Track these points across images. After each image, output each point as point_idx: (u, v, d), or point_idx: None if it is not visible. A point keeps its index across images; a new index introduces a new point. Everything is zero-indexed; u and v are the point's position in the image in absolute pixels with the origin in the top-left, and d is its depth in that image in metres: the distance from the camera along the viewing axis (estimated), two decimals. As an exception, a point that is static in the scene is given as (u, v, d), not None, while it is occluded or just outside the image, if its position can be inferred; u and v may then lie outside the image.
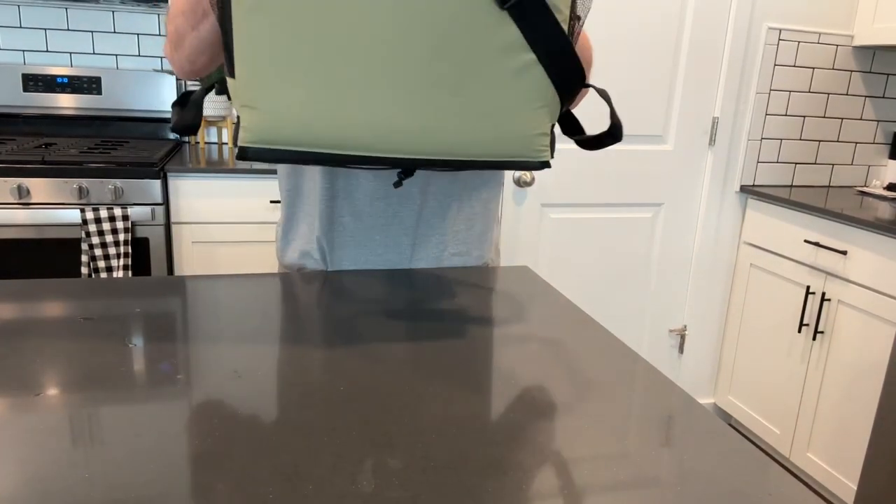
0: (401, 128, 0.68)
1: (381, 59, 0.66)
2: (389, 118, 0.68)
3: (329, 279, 0.95)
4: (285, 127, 0.67)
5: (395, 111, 0.67)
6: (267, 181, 2.03)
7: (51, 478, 0.47)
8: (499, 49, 0.68)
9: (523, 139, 0.72)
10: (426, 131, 0.69)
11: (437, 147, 0.70)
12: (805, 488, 0.52)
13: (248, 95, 0.67)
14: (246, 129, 0.67)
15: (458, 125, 0.69)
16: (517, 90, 0.70)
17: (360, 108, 0.67)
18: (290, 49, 0.65)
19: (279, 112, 0.67)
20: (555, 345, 0.76)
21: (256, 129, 0.67)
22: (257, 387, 0.62)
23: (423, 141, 0.69)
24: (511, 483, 0.50)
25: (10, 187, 1.83)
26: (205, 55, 0.87)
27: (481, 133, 0.70)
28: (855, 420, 2.04)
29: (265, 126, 0.67)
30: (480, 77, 0.68)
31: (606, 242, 2.47)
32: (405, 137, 0.69)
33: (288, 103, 0.66)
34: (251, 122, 0.67)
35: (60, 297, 0.81)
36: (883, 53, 2.49)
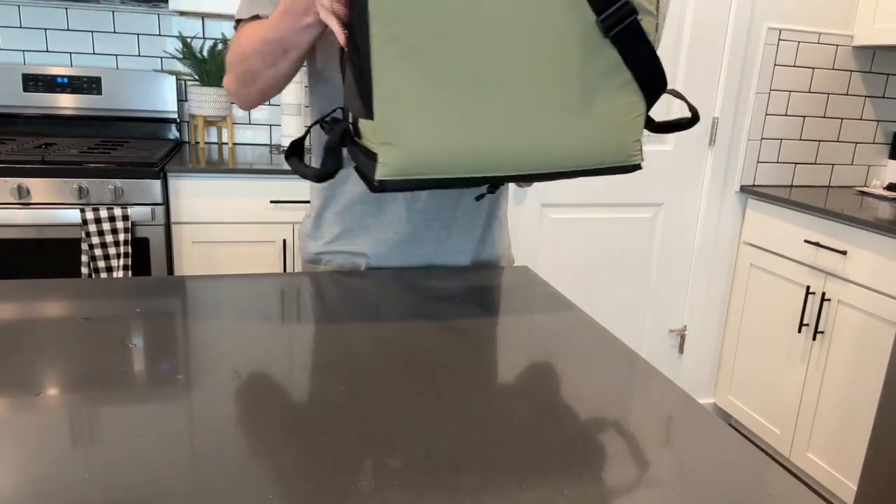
0: (521, 149, 0.76)
1: (504, 91, 0.74)
2: (512, 142, 0.76)
3: (329, 279, 0.95)
4: (420, 160, 0.74)
5: (516, 135, 0.76)
6: (267, 181, 2.03)
7: (51, 478, 0.47)
8: (603, 71, 0.77)
9: (623, 147, 0.81)
10: (543, 149, 0.77)
11: (552, 162, 0.78)
12: (805, 488, 0.52)
13: (389, 134, 0.73)
14: (385, 165, 0.74)
15: (570, 141, 0.78)
16: (617, 105, 0.79)
17: (487, 137, 0.75)
18: (425, 90, 0.72)
19: (417, 148, 0.73)
20: (554, 345, 0.76)
21: (395, 165, 0.74)
22: (257, 387, 0.62)
23: (540, 158, 0.78)
24: (511, 483, 0.50)
25: (10, 187, 1.83)
26: (278, 89, 0.96)
27: (589, 146, 0.79)
28: (855, 420, 2.04)
29: (403, 161, 0.74)
30: (587, 97, 0.77)
31: (606, 242, 2.47)
32: (525, 157, 0.77)
33: (424, 140, 0.73)
34: (390, 158, 0.73)
35: (60, 297, 0.81)
36: (883, 53, 2.49)
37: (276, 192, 2.04)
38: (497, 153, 0.76)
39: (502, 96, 0.74)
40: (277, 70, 0.92)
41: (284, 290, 0.89)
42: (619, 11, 0.74)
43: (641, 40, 0.77)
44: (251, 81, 0.94)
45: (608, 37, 0.75)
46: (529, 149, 0.77)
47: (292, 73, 0.94)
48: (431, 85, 0.72)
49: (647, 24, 0.77)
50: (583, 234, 2.44)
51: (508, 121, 0.75)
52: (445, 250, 1.06)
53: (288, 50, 0.89)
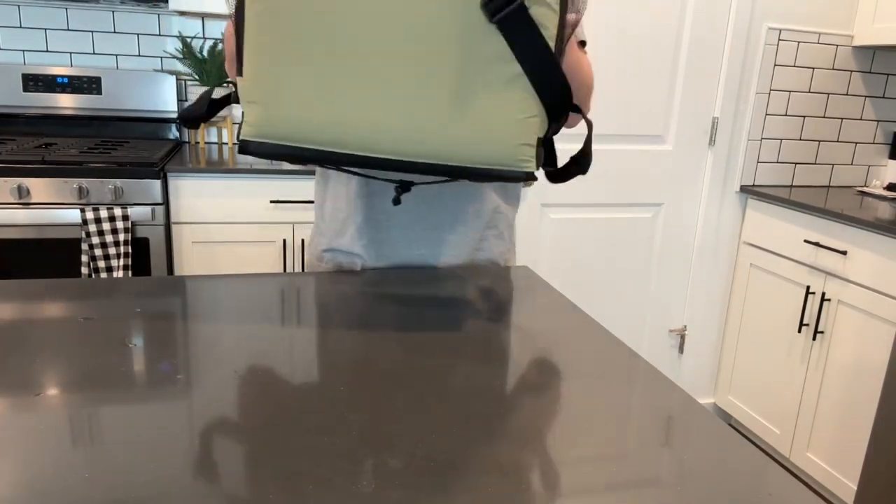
0: (392, 128, 0.71)
1: (377, 62, 0.70)
2: (382, 118, 0.71)
3: (328, 279, 0.95)
4: (285, 122, 0.71)
5: (388, 112, 0.71)
6: (267, 181, 2.03)
7: (51, 478, 0.47)
8: (487, 59, 0.71)
9: (507, 148, 0.74)
10: (416, 133, 0.72)
11: (425, 149, 0.73)
12: (805, 488, 0.52)
13: (253, 92, 0.72)
14: (248, 124, 0.72)
15: (446, 128, 0.72)
16: (503, 99, 0.72)
17: (356, 108, 0.71)
18: (293, 49, 0.70)
19: (280, 108, 0.71)
20: (554, 345, 0.76)
21: (258, 124, 0.72)
22: (257, 387, 0.62)
23: (413, 143, 0.72)
24: (511, 483, 0.50)
25: (10, 187, 1.83)
26: None
27: (467, 137, 0.72)
28: (855, 420, 2.04)
29: (266, 120, 0.71)
30: (469, 84, 0.71)
31: (606, 242, 2.47)
32: (396, 138, 0.72)
33: (288, 100, 0.71)
34: (254, 116, 0.72)
35: (60, 297, 0.81)
36: (883, 53, 2.49)
37: (276, 192, 2.04)
38: (367, 130, 0.71)
39: (376, 70, 0.70)
40: None
41: (284, 290, 0.89)
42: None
43: (530, 31, 0.71)
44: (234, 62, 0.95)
45: (493, 22, 0.70)
46: (403, 132, 0.71)
47: None
48: (301, 48, 0.70)
49: (540, 16, 0.71)
50: (583, 234, 2.44)
51: (381, 98, 0.70)
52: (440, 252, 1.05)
53: None
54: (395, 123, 0.71)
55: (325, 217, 1.07)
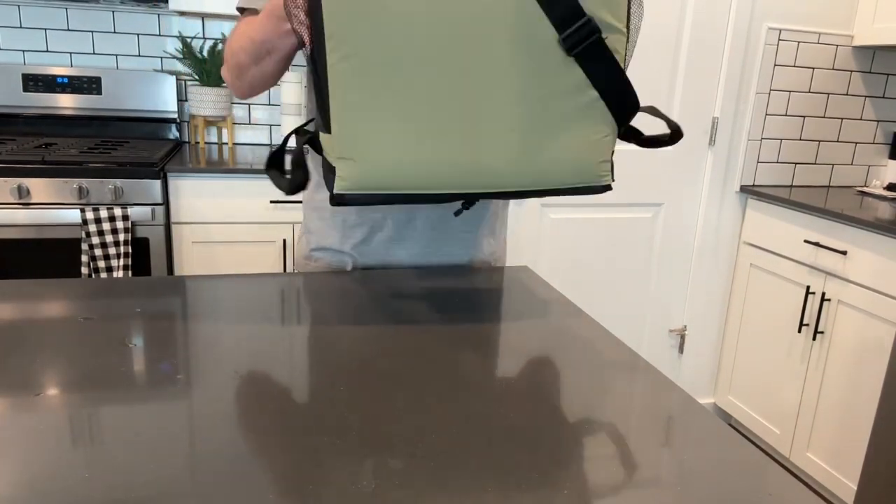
0: (484, 167, 0.75)
1: (463, 108, 0.73)
2: (473, 160, 0.74)
3: (328, 279, 0.95)
4: (381, 174, 0.73)
5: (478, 153, 0.74)
6: (267, 181, 2.03)
7: (51, 478, 0.47)
8: (566, 90, 0.75)
9: (590, 167, 0.79)
10: (506, 168, 0.76)
11: (515, 181, 0.77)
12: (805, 488, 0.52)
13: (345, 148, 0.73)
14: (343, 179, 0.73)
15: (534, 160, 0.76)
16: (583, 125, 0.77)
17: (448, 151, 0.74)
18: (381, 105, 0.71)
19: (375, 161, 0.73)
20: (554, 345, 0.76)
21: (354, 179, 0.73)
22: (257, 387, 0.62)
23: (503, 177, 0.76)
24: (511, 483, 0.50)
25: (10, 187, 1.83)
26: (266, 85, 0.97)
27: (554, 164, 0.77)
28: (855, 420, 2.04)
29: (362, 175, 0.73)
30: (552, 117, 0.76)
31: (606, 242, 2.47)
32: (487, 175, 0.76)
33: (382, 152, 0.73)
34: (348, 172, 0.73)
35: (60, 297, 0.81)
36: (883, 53, 2.49)
37: (276, 192, 2.04)
38: (456, 170, 0.74)
39: (461, 114, 0.73)
40: (263, 69, 0.93)
41: (284, 290, 0.89)
42: (581, 30, 0.72)
43: (606, 59, 0.75)
44: (240, 75, 0.95)
45: (571, 55, 0.74)
46: (490, 167, 0.75)
47: (279, 72, 0.95)
48: (387, 101, 0.71)
49: (614, 42, 0.76)
50: (583, 234, 2.44)
51: (467, 138, 0.74)
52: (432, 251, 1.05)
53: (271, 52, 0.89)
54: (485, 160, 0.75)
55: (316, 217, 1.06)
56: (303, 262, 1.08)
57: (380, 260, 1.04)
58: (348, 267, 1.04)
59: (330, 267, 1.05)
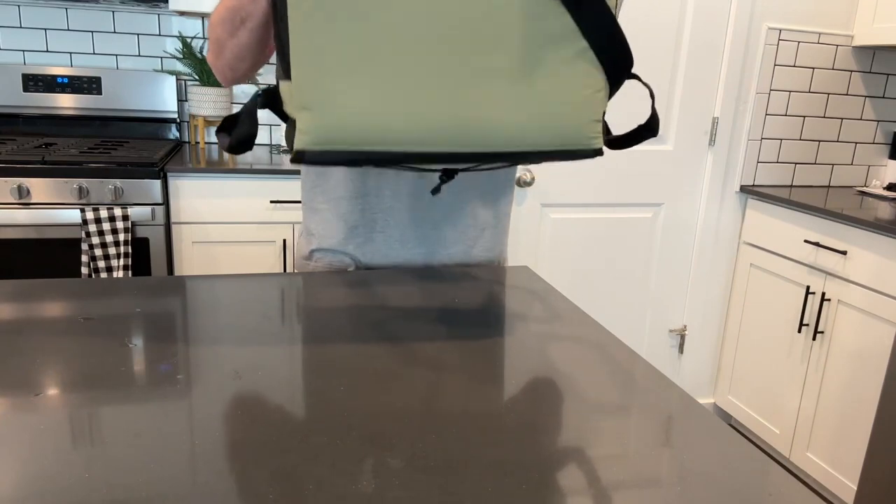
0: (460, 120, 0.67)
1: (438, 53, 0.65)
2: (448, 112, 0.67)
3: (328, 279, 0.95)
4: (344, 127, 0.66)
5: (453, 104, 0.67)
6: (267, 181, 2.03)
7: (51, 478, 0.47)
8: (553, 38, 0.68)
9: (578, 126, 0.71)
10: (484, 123, 0.68)
11: (495, 139, 0.69)
12: (805, 488, 0.52)
13: (306, 97, 0.65)
14: (303, 132, 0.66)
15: (515, 115, 0.69)
16: (571, 77, 0.69)
17: (419, 104, 0.66)
18: (347, 48, 0.64)
19: (337, 112, 0.65)
20: (554, 345, 0.76)
21: (315, 131, 0.66)
22: (257, 387, 0.62)
23: (482, 133, 0.68)
24: (511, 483, 0.50)
25: (10, 187, 1.83)
26: (245, 62, 0.91)
27: (537, 122, 0.70)
28: (855, 420, 2.04)
29: (324, 127, 0.66)
30: (535, 66, 0.68)
31: (606, 242, 2.47)
32: (465, 131, 0.68)
33: (346, 103, 0.65)
34: (309, 123, 0.66)
35: (60, 297, 0.81)
36: (883, 53, 2.49)
37: (276, 192, 2.04)
38: (431, 124, 0.67)
39: (437, 60, 0.65)
40: (239, 40, 0.88)
41: (284, 290, 0.89)
42: None
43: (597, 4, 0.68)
44: (220, 52, 0.91)
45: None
46: (469, 121, 0.68)
47: (256, 44, 0.90)
48: (355, 44, 0.64)
49: None
50: (583, 234, 2.44)
51: (444, 88, 0.66)
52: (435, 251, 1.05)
53: (245, 19, 0.85)
54: (462, 115, 0.67)
55: (316, 218, 1.06)
56: (303, 262, 1.08)
57: (381, 260, 1.04)
58: (350, 268, 1.04)
59: (331, 267, 1.05)
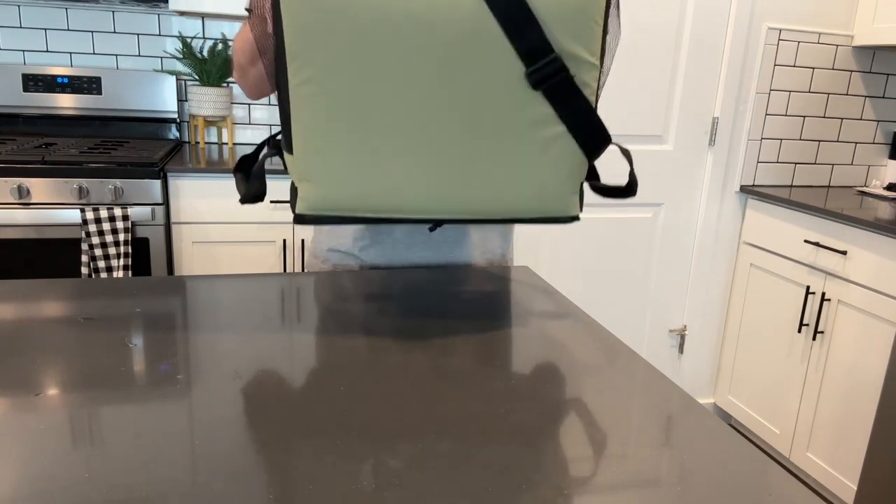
0: (443, 194, 0.74)
1: (424, 136, 0.72)
2: (432, 186, 0.74)
3: (329, 279, 0.95)
4: (339, 198, 0.73)
5: (437, 181, 0.74)
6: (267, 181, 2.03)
7: (51, 478, 0.47)
8: (531, 123, 0.74)
9: (556, 199, 0.78)
10: (466, 196, 0.75)
11: (475, 208, 0.76)
12: (805, 488, 0.52)
13: (306, 170, 0.73)
14: (304, 200, 0.74)
15: (495, 191, 0.75)
16: (548, 158, 0.75)
17: (406, 179, 0.73)
18: (346, 129, 0.70)
19: (334, 185, 0.73)
20: (555, 345, 0.76)
21: (313, 200, 0.73)
22: (257, 387, 0.62)
23: (463, 204, 0.75)
24: (511, 483, 0.50)
25: (10, 187, 1.83)
26: (266, 85, 0.97)
27: (516, 197, 0.76)
28: (855, 420, 2.04)
29: (322, 198, 0.73)
30: (516, 147, 0.74)
31: (606, 242, 2.47)
32: (446, 202, 0.75)
33: (343, 177, 0.72)
34: (309, 193, 0.73)
35: (60, 297, 0.81)
36: (883, 53, 2.49)
37: (276, 192, 2.04)
38: (416, 197, 0.74)
39: (423, 141, 0.72)
40: (258, 70, 0.94)
41: (284, 290, 0.89)
42: (548, 66, 0.71)
43: (574, 96, 0.73)
44: (242, 76, 0.98)
45: (538, 90, 0.72)
46: (452, 194, 0.74)
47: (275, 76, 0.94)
48: (349, 126, 0.70)
49: (585, 76, 0.73)
50: (583, 234, 2.44)
51: (428, 166, 0.73)
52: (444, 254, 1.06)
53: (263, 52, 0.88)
54: (448, 189, 0.74)
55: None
56: (313, 261, 1.09)
57: (391, 261, 1.04)
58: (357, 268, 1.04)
59: (338, 267, 1.05)
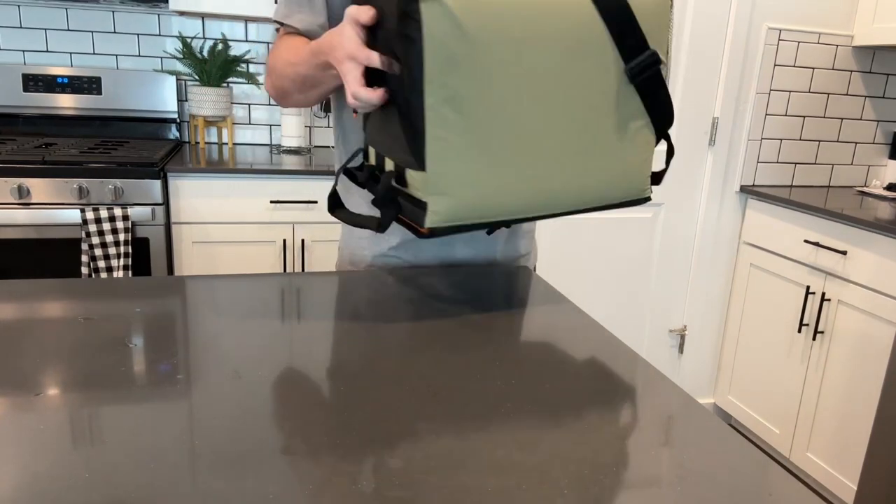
0: (556, 191, 0.81)
1: (544, 140, 0.78)
2: (551, 186, 0.80)
3: (329, 279, 0.95)
4: (468, 208, 0.77)
5: (552, 180, 0.80)
6: (267, 181, 2.03)
7: (51, 478, 0.47)
8: (626, 117, 0.82)
9: (637, 184, 0.87)
10: (575, 190, 0.82)
11: (581, 201, 0.83)
12: (805, 488, 0.52)
13: (440, 184, 0.75)
14: (436, 213, 0.76)
15: (598, 181, 0.83)
16: (636, 147, 0.85)
17: (530, 182, 0.79)
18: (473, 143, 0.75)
19: (464, 197, 0.76)
20: (555, 345, 0.76)
21: (445, 212, 0.76)
22: (257, 387, 0.62)
23: (572, 198, 0.82)
24: (511, 483, 0.50)
25: (11, 187, 1.83)
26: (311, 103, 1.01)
27: (614, 184, 0.85)
28: (855, 420, 2.04)
29: (455, 209, 0.77)
30: (613, 142, 0.83)
31: (606, 242, 2.47)
32: (559, 198, 0.82)
33: (472, 189, 0.76)
34: (441, 206, 0.76)
35: (60, 297, 0.81)
36: (883, 53, 2.49)
37: (276, 192, 2.05)
38: (535, 197, 0.80)
39: (541, 145, 0.78)
40: (308, 97, 0.96)
41: (284, 290, 0.89)
42: (646, 61, 0.80)
43: (661, 86, 0.83)
44: (284, 97, 0.99)
45: (633, 83, 0.81)
46: (563, 191, 0.81)
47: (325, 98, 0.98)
48: (480, 138, 0.75)
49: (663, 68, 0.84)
50: (583, 234, 2.44)
51: (546, 167, 0.79)
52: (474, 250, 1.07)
53: (317, 86, 0.92)
54: (559, 186, 0.80)
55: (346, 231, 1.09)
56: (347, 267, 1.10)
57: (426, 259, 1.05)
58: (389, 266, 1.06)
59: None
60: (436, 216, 0.76)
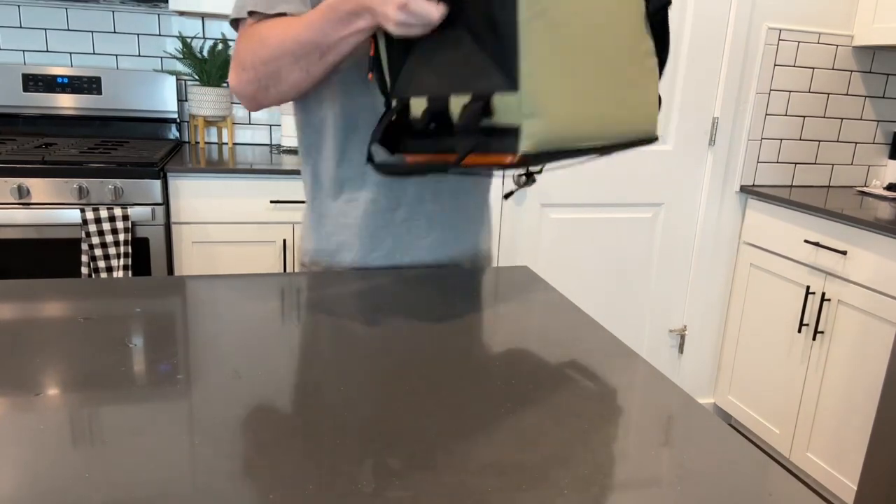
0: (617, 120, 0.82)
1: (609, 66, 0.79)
2: (615, 112, 0.82)
3: (328, 279, 0.95)
4: (559, 131, 0.75)
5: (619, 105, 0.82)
6: (267, 181, 2.03)
7: (51, 478, 0.47)
8: (648, 54, 0.86)
9: (654, 120, 0.89)
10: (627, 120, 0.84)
11: (627, 130, 0.84)
12: (805, 488, 0.52)
13: (536, 105, 0.72)
14: (531, 137, 0.72)
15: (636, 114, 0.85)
16: (653, 85, 0.88)
17: (605, 105, 0.80)
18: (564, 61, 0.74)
19: (557, 118, 0.74)
20: (555, 345, 0.76)
21: (539, 136, 0.73)
22: (257, 387, 0.62)
23: (624, 128, 0.83)
24: (511, 483, 0.50)
25: (10, 187, 1.83)
26: (303, 91, 0.90)
27: (642, 119, 0.87)
28: (855, 420, 2.04)
29: (548, 132, 0.73)
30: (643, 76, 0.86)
31: (606, 242, 2.47)
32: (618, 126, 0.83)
33: (564, 110, 0.75)
34: (536, 129, 0.72)
35: (60, 297, 0.81)
36: (883, 53, 2.49)
37: (276, 192, 2.04)
38: (604, 123, 0.80)
39: (609, 68, 0.79)
40: (310, 74, 0.85)
41: (284, 290, 0.89)
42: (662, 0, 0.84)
43: (667, 30, 0.88)
44: (275, 84, 0.87)
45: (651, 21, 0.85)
46: (619, 119, 0.82)
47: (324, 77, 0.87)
48: (569, 57, 0.74)
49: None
50: (583, 234, 2.44)
51: (613, 91, 0.80)
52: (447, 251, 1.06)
53: (326, 53, 0.82)
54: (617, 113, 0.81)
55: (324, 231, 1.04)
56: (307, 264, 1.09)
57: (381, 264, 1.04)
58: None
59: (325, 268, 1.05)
60: (530, 140, 0.72)
